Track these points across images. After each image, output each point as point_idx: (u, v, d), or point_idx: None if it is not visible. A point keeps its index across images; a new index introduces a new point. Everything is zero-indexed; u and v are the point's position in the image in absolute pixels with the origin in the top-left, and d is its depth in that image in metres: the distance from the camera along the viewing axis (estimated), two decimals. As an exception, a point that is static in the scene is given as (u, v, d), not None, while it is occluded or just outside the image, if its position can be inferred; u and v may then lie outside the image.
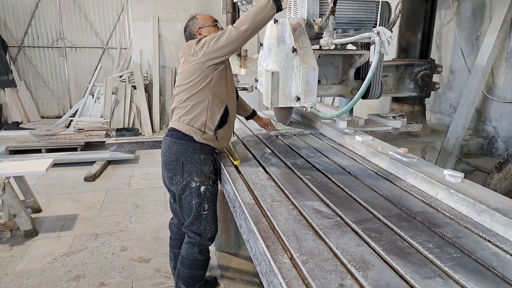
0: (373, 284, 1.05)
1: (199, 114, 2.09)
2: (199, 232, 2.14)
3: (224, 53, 2.01)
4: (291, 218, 1.46)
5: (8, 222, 3.28)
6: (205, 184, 2.09)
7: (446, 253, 1.21)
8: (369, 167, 2.05)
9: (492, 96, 3.34)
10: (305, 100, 2.48)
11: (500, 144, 3.33)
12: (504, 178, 2.83)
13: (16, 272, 2.82)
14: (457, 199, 1.54)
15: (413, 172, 1.79)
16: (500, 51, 3.22)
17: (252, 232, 1.41)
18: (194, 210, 2.09)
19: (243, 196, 1.69)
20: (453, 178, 1.67)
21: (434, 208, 1.56)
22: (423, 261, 1.17)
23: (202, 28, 2.27)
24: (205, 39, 2.04)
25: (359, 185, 1.80)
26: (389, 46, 1.98)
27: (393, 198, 1.65)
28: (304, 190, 1.75)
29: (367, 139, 2.34)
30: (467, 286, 1.06)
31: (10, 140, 5.66)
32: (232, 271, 2.89)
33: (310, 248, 1.23)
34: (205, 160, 2.10)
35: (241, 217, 1.63)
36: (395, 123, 2.96)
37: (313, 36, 2.62)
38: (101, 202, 4.10)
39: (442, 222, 1.43)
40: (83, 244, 3.23)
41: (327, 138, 2.71)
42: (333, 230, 1.35)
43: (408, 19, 3.42)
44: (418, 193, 1.71)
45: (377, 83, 2.98)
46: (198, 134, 2.09)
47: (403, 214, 1.49)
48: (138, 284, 2.70)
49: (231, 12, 3.51)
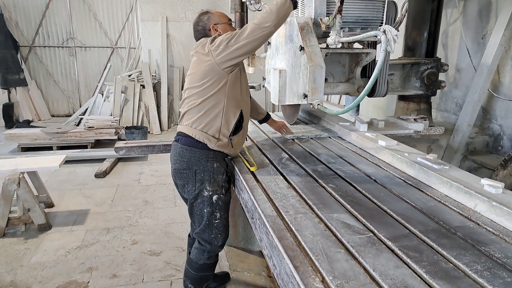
0: None
1: (214, 120, 2.01)
2: (209, 240, 2.12)
3: (245, 51, 1.91)
4: (319, 234, 1.33)
5: (23, 216, 3.38)
6: (217, 193, 2.04)
7: (498, 277, 1.08)
8: (396, 175, 1.91)
9: (498, 94, 3.37)
10: (312, 97, 2.54)
11: (506, 142, 3.35)
12: (509, 175, 2.86)
13: (31, 264, 2.92)
14: (500, 212, 1.41)
15: (447, 181, 1.65)
16: (506, 49, 3.25)
17: (276, 249, 1.29)
18: (206, 219, 2.07)
19: (263, 207, 1.56)
20: (493, 188, 1.53)
21: (475, 222, 1.43)
22: (473, 286, 1.05)
23: (219, 25, 2.17)
24: (221, 38, 1.94)
25: (388, 195, 1.67)
26: (395, 44, 2.02)
27: (428, 211, 1.51)
28: (329, 200, 1.62)
29: (391, 143, 2.22)
30: None
31: (22, 137, 5.79)
32: (241, 265, 2.95)
33: (344, 270, 1.11)
34: (218, 168, 2.05)
35: (262, 231, 1.50)
36: (417, 126, 2.90)
37: (320, 35, 2.67)
38: (111, 197, 4.19)
39: (487, 239, 1.30)
40: (95, 237, 3.32)
41: (346, 141, 2.59)
42: (366, 248, 1.23)
43: (414, 18, 3.46)
44: (454, 205, 1.57)
45: (383, 81, 3.02)
46: (212, 142, 2.01)
47: (442, 230, 1.36)
48: (149, 276, 2.78)
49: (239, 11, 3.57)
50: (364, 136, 2.39)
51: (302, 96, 2.57)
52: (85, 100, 8.69)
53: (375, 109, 4.95)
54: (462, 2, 3.71)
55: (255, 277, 2.80)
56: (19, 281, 2.70)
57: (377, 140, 2.25)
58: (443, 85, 3.49)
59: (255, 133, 2.90)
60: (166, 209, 3.91)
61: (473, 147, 3.50)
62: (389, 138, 2.31)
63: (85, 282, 2.70)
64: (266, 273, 2.88)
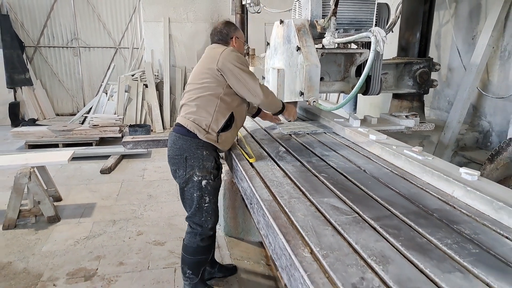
0: (394, 278, 1.06)
1: (205, 115, 2.19)
2: (200, 223, 2.29)
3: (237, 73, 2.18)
4: (309, 215, 1.46)
5: (33, 209, 3.54)
6: (206, 179, 2.20)
7: (464, 249, 1.21)
8: (384, 166, 2.06)
9: (487, 92, 3.52)
10: (308, 94, 2.70)
11: (494, 138, 3.51)
12: (496, 168, 3.01)
13: (42, 252, 3.08)
14: (474, 196, 1.54)
15: (429, 170, 1.80)
16: (494, 50, 3.40)
17: (271, 227, 1.43)
18: (196, 202, 2.23)
19: (260, 193, 1.71)
20: (470, 176, 1.67)
21: (451, 205, 1.56)
22: (442, 256, 1.18)
23: (238, 39, 2.40)
24: (235, 56, 2.21)
25: (375, 183, 1.81)
26: (384, 45, 2.18)
27: (410, 196, 1.65)
28: (320, 187, 1.76)
29: (381, 137, 2.36)
30: (487, 280, 1.06)
31: (29, 135, 5.96)
32: (241, 254, 3.11)
33: (330, 244, 1.24)
34: (207, 156, 2.21)
35: (259, 213, 1.65)
36: (408, 122, 3.07)
37: (317, 36, 2.83)
38: (117, 192, 4.36)
39: (460, 219, 1.43)
40: (102, 229, 3.48)
41: (340, 136, 2.72)
42: (351, 226, 1.36)
43: (407, 19, 3.61)
44: (435, 191, 1.70)
45: (377, 80, 3.17)
46: (201, 133, 2.18)
47: (421, 212, 1.50)
48: (154, 263, 2.93)
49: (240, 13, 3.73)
50: (356, 131, 2.53)
51: (299, 93, 2.73)
52: (89, 99, 8.86)
53: (372, 107, 5.11)
54: (453, 4, 3.86)
55: (254, 265, 2.96)
56: (31, 268, 2.86)
57: (368, 134, 2.39)
58: (435, 84, 3.65)
59: (254, 128, 3.04)
60: (169, 202, 4.07)
61: (464, 143, 3.65)
62: (379, 132, 2.45)
63: (94, 269, 2.86)
64: (265, 261, 3.03)
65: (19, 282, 2.69)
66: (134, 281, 2.72)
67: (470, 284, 1.05)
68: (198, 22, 7.98)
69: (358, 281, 1.05)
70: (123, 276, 2.77)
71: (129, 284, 2.69)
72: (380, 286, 1.04)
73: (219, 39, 2.38)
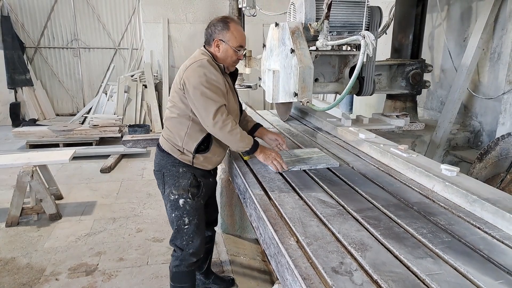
0: (370, 263, 1.16)
1: (177, 138, 2.03)
2: (181, 247, 2.10)
3: (194, 101, 1.90)
4: (297, 207, 1.58)
5: (35, 206, 3.63)
6: (183, 197, 2.03)
7: (438, 238, 1.33)
8: (371, 163, 2.16)
9: (478, 93, 3.61)
10: (302, 95, 2.79)
11: (485, 138, 3.60)
12: (484, 167, 3.11)
13: (45, 248, 3.17)
14: (451, 190, 1.64)
15: (412, 167, 1.90)
16: (484, 51, 3.49)
17: (262, 219, 1.54)
18: (175, 223, 2.08)
19: (252, 188, 1.81)
20: (449, 172, 1.77)
21: (430, 199, 1.67)
22: (416, 244, 1.29)
23: (224, 43, 1.99)
24: (201, 80, 1.88)
25: (361, 179, 1.92)
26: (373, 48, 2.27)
27: (393, 191, 1.76)
28: (309, 183, 1.87)
29: (370, 136, 2.46)
30: (455, 265, 1.17)
31: (30, 135, 6.05)
32: (237, 250, 3.20)
33: (314, 233, 1.36)
34: (184, 173, 2.04)
35: (251, 207, 1.76)
36: (398, 122, 3.19)
37: (311, 38, 2.92)
38: (116, 191, 4.45)
39: (437, 211, 1.55)
40: (102, 226, 3.57)
41: (332, 136, 2.83)
42: (335, 218, 1.48)
43: (400, 22, 3.70)
44: (416, 186, 1.81)
45: (370, 81, 3.27)
46: (176, 153, 2.04)
47: (401, 204, 1.61)
48: (153, 259, 3.03)
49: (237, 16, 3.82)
50: (347, 130, 2.64)
51: (293, 94, 2.82)
52: (89, 100, 8.94)
53: (367, 107, 5.20)
54: (445, 7, 3.96)
55: (250, 260, 3.05)
56: (34, 263, 2.95)
57: (358, 133, 2.49)
58: (428, 85, 3.74)
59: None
60: (168, 201, 4.16)
61: (455, 142, 3.74)
62: (368, 131, 2.55)
63: (95, 264, 2.95)
64: (260, 258, 3.12)
65: (23, 277, 2.78)
66: (134, 276, 2.81)
67: (440, 268, 1.16)
68: (197, 23, 8.06)
69: (337, 265, 1.16)
70: (123, 271, 2.86)
71: (129, 279, 2.78)
72: (357, 269, 1.14)
73: (205, 39, 2.08)
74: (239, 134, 1.95)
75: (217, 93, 1.90)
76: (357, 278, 1.10)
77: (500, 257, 1.22)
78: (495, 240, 1.34)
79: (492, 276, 1.12)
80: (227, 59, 2.04)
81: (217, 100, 1.89)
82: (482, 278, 1.11)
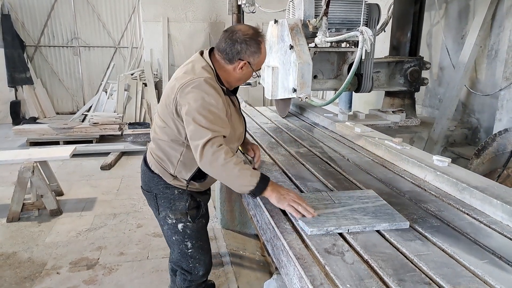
0: (361, 245, 1.23)
1: (170, 162, 1.73)
2: (189, 270, 1.94)
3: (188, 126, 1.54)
4: None
5: (36, 202, 3.66)
6: (182, 222, 1.81)
7: (427, 223, 1.40)
8: (366, 155, 2.23)
9: (475, 90, 3.64)
10: (300, 91, 2.82)
11: (482, 134, 3.63)
12: (482, 163, 3.14)
13: (46, 243, 3.20)
14: (442, 180, 1.71)
15: (405, 158, 1.97)
16: (482, 49, 3.52)
17: (259, 207, 1.59)
18: (177, 248, 1.89)
19: None
20: (441, 162, 1.84)
21: (422, 188, 1.74)
22: (407, 228, 1.35)
23: (250, 66, 1.66)
24: (197, 105, 1.51)
25: (356, 169, 1.99)
26: (371, 43, 2.30)
27: (386, 180, 1.83)
28: (305, 173, 1.93)
29: (365, 130, 2.52)
30: (443, 246, 1.24)
31: (30, 132, 6.07)
32: (237, 245, 3.22)
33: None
34: (179, 195, 1.78)
35: (248, 196, 1.68)
36: (394, 118, 3.23)
37: (309, 35, 2.95)
38: (117, 187, 4.47)
39: (428, 199, 1.61)
40: (103, 221, 3.60)
41: (329, 130, 2.90)
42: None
43: (398, 20, 3.73)
44: (409, 176, 1.88)
45: (368, 78, 3.29)
46: (168, 178, 1.76)
47: (393, 193, 1.67)
48: (153, 254, 3.05)
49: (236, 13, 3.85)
50: (344, 125, 2.71)
51: (292, 90, 2.85)
52: (89, 98, 8.96)
53: (366, 104, 5.23)
54: (443, 4, 3.99)
55: (250, 255, 3.08)
56: (35, 257, 2.98)
57: (354, 127, 2.58)
58: (426, 82, 3.77)
59: (249, 123, 3.18)
60: (168, 197, 4.18)
61: (453, 139, 3.78)
62: (364, 126, 2.63)
63: (95, 258, 2.98)
64: (260, 252, 3.15)
65: (24, 271, 2.81)
66: (134, 270, 2.84)
67: (428, 249, 1.23)
68: (197, 22, 8.10)
69: (330, 247, 1.23)
70: (123, 265, 2.89)
71: (129, 273, 2.81)
72: (348, 250, 1.21)
73: (225, 51, 1.64)
74: (236, 168, 1.48)
75: (213, 122, 1.51)
76: (348, 258, 1.16)
77: (485, 240, 1.29)
78: (482, 225, 1.41)
79: (477, 256, 1.18)
80: (239, 81, 1.74)
81: (212, 129, 1.50)
82: (468, 258, 1.17)
